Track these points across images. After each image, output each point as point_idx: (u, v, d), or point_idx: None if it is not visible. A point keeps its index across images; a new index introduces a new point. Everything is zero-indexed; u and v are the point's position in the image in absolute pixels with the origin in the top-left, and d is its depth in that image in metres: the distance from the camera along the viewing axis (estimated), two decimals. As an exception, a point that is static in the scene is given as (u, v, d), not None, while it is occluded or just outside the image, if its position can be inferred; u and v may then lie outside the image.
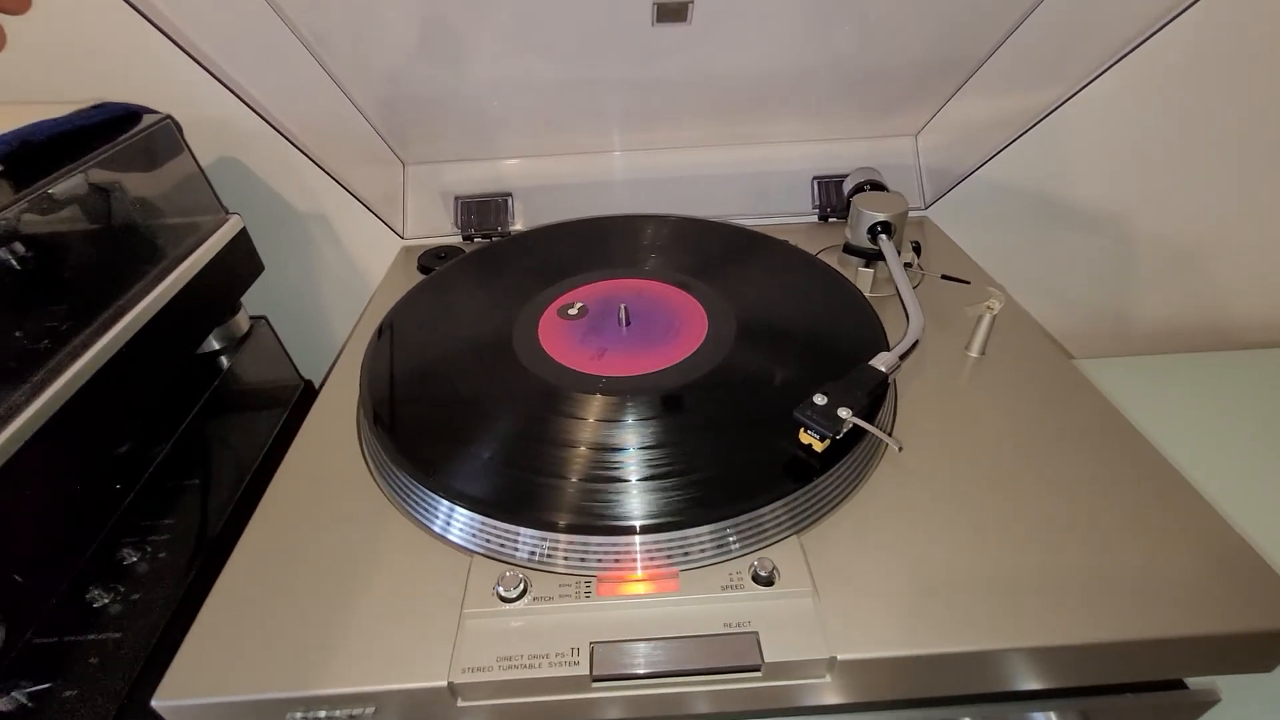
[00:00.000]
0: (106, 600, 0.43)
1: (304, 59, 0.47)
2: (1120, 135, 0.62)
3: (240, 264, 0.57)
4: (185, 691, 0.26)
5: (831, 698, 0.28)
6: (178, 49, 0.42)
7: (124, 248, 0.48)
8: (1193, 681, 0.31)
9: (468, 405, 0.38)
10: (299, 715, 0.27)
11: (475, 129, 0.56)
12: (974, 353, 0.41)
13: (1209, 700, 0.31)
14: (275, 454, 0.57)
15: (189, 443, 0.51)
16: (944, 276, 0.48)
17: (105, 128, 0.47)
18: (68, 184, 0.47)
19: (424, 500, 0.32)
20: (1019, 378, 0.39)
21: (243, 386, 0.58)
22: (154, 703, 0.26)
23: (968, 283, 0.47)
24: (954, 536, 0.30)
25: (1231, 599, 0.27)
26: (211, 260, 0.53)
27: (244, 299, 0.59)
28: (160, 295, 0.47)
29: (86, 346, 0.40)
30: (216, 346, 0.57)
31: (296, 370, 0.65)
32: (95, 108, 0.47)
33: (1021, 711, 0.31)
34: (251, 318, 0.60)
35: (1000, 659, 0.27)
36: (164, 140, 0.51)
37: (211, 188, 0.54)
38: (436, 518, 0.32)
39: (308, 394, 0.65)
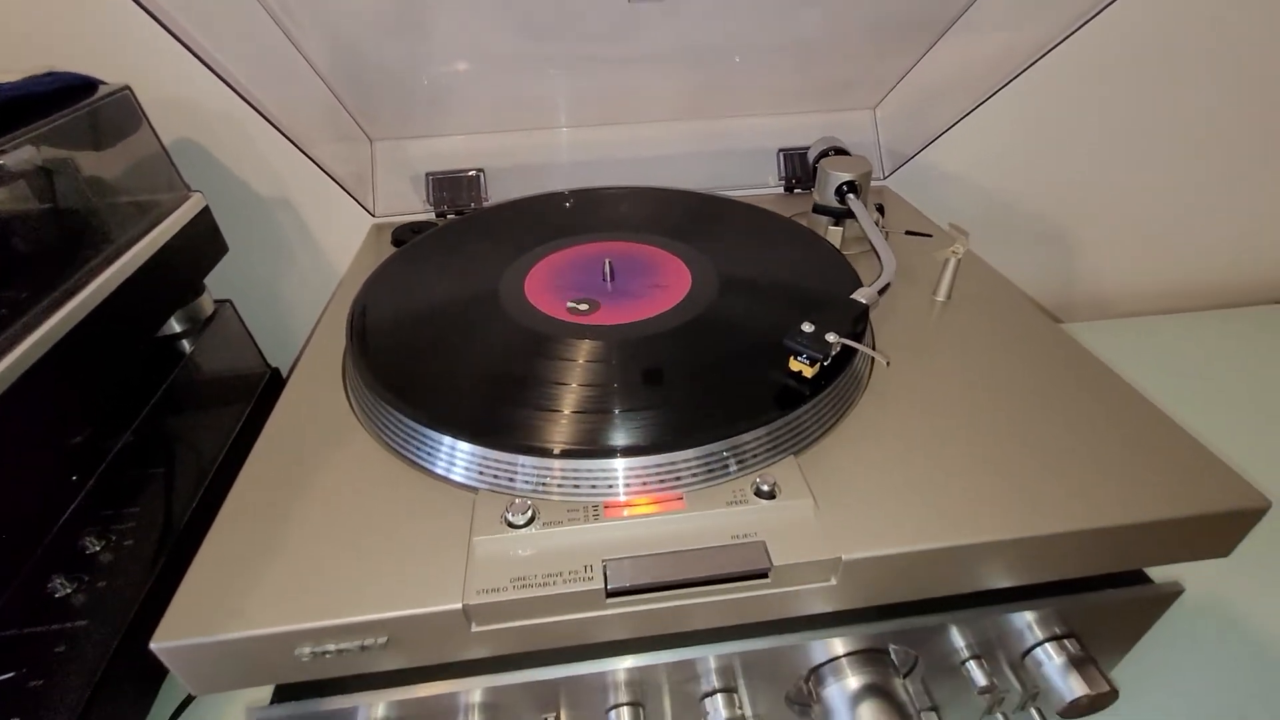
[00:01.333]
0: (70, 590, 0.41)
1: (268, 26, 0.46)
2: (1038, 126, 0.67)
3: (203, 244, 0.55)
4: (185, 631, 0.25)
5: (835, 603, 0.29)
6: (140, 15, 0.40)
7: (78, 222, 0.46)
8: (1157, 577, 0.34)
9: (461, 350, 0.38)
10: (308, 650, 0.26)
11: (443, 105, 0.56)
12: (941, 297, 0.44)
13: (1173, 592, 0.33)
14: (242, 442, 0.55)
15: (151, 430, 0.49)
16: (908, 232, 0.50)
17: (59, 96, 0.46)
18: (19, 153, 0.45)
19: (425, 441, 0.32)
20: (982, 315, 0.42)
21: (206, 372, 0.56)
22: (152, 645, 0.25)
23: (930, 236, 0.50)
24: (935, 450, 0.32)
25: (1183, 487, 0.30)
26: (172, 239, 0.51)
27: (208, 284, 0.57)
28: (116, 274, 0.45)
29: (33, 326, 0.38)
30: (178, 329, 0.55)
31: (263, 356, 0.63)
32: (48, 75, 0.45)
33: (1003, 614, 0.33)
34: (216, 302, 0.58)
35: (981, 552, 0.28)
36: (122, 111, 0.49)
37: (173, 163, 0.52)
38: (439, 458, 0.32)
39: (274, 382, 0.63)
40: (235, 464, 0.33)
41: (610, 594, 0.27)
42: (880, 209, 0.52)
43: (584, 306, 0.40)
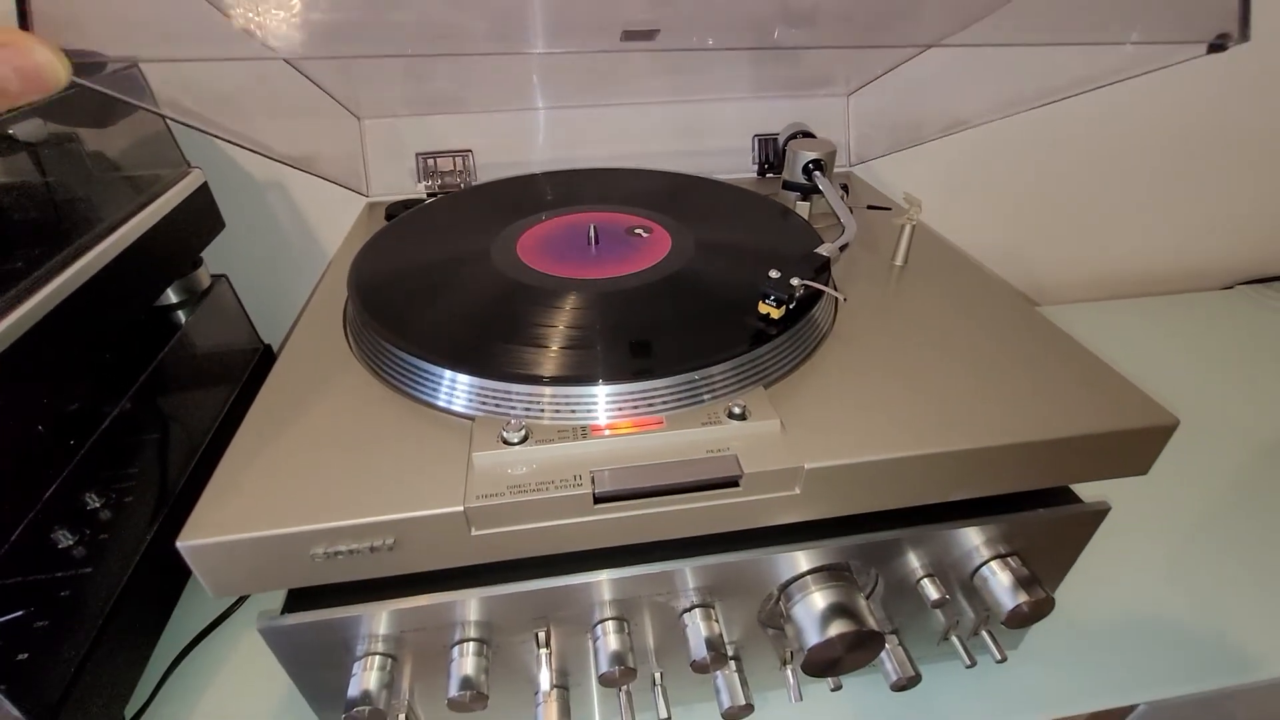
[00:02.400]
0: (73, 541, 0.42)
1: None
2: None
3: (201, 219, 0.57)
4: (209, 531, 0.28)
5: (800, 512, 0.32)
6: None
7: (81, 193, 0.48)
8: (1086, 498, 0.38)
9: (461, 298, 0.41)
10: (321, 550, 0.28)
11: (429, 86, 0.59)
12: (898, 261, 0.48)
13: (1101, 510, 0.37)
14: (237, 408, 0.57)
15: (148, 395, 0.51)
16: (869, 206, 0.54)
17: (67, 70, 0.48)
18: (27, 124, 0.47)
19: (427, 376, 0.35)
20: (934, 275, 0.46)
21: (201, 343, 0.58)
22: (179, 544, 0.27)
23: (889, 209, 0.54)
24: (888, 383, 0.36)
25: (1102, 408, 0.34)
26: (171, 212, 0.53)
27: (205, 258, 0.59)
28: (116, 243, 0.47)
29: (33, 291, 0.39)
30: (175, 300, 0.56)
31: (255, 332, 0.65)
32: (56, 50, 0.47)
33: (950, 530, 0.36)
34: (213, 276, 0.60)
35: (926, 463, 0.32)
36: (127, 86, 0.51)
37: (174, 139, 0.55)
38: (440, 390, 0.34)
39: (267, 357, 0.65)
40: (231, 428, 0.33)
41: (597, 499, 0.30)
42: (845, 187, 0.56)
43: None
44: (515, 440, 0.31)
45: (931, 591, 0.37)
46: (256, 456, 0.31)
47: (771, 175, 0.65)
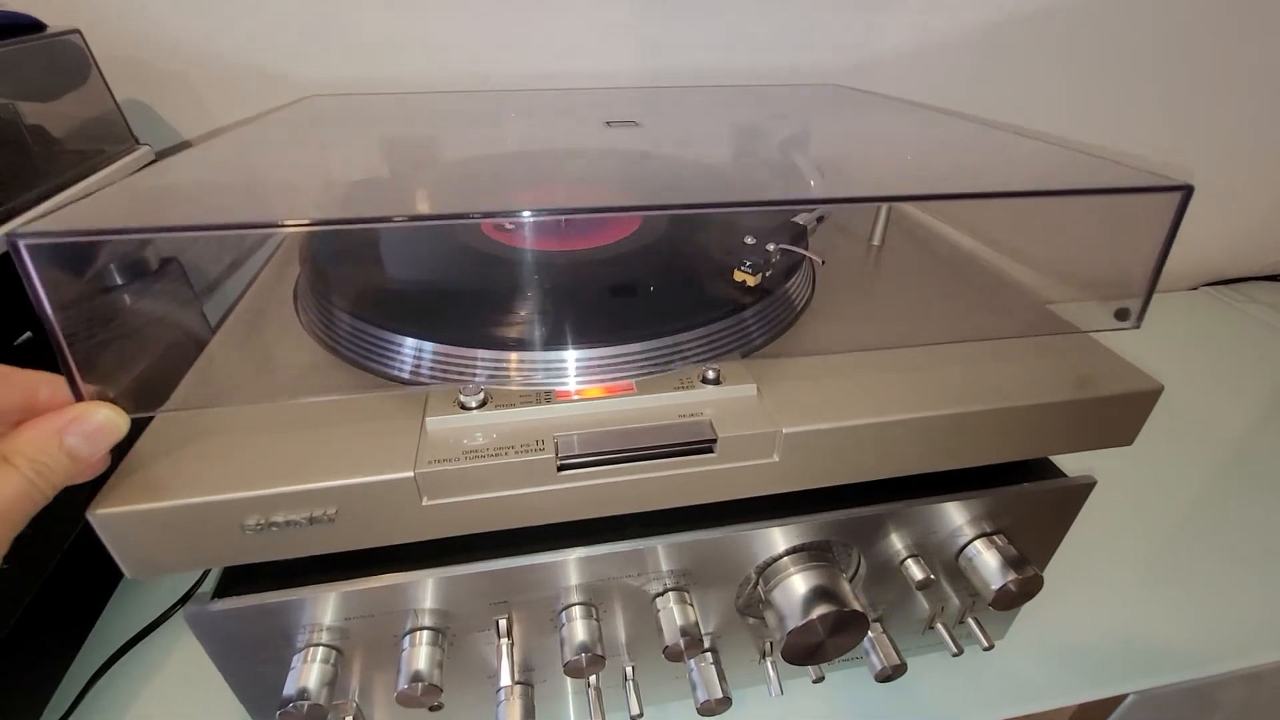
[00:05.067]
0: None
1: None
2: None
3: (149, 200, 0.54)
4: (125, 498, 0.25)
5: (778, 482, 0.30)
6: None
7: (13, 164, 0.45)
8: (1071, 472, 0.37)
9: (421, 270, 0.38)
10: (254, 522, 0.26)
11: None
12: (875, 241, 0.47)
13: (1086, 484, 0.36)
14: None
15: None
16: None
17: (3, 33, 0.45)
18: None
19: (380, 344, 0.32)
20: (909, 252, 0.46)
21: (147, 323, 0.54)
22: (89, 514, 0.24)
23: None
24: (869, 354, 0.34)
25: (1084, 374, 0.33)
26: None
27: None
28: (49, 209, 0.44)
29: None
30: (120, 281, 0.53)
31: (205, 316, 0.61)
32: (-6, 12, 0.45)
33: (933, 504, 0.34)
34: (162, 259, 0.57)
35: (905, 429, 0.30)
36: (70, 54, 0.49)
37: (122, 114, 0.52)
38: (394, 360, 0.32)
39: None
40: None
41: (561, 466, 0.28)
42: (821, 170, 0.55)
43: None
44: (473, 405, 0.29)
45: (916, 572, 0.35)
46: (185, 425, 0.29)
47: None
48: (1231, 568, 0.50)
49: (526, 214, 0.28)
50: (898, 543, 0.36)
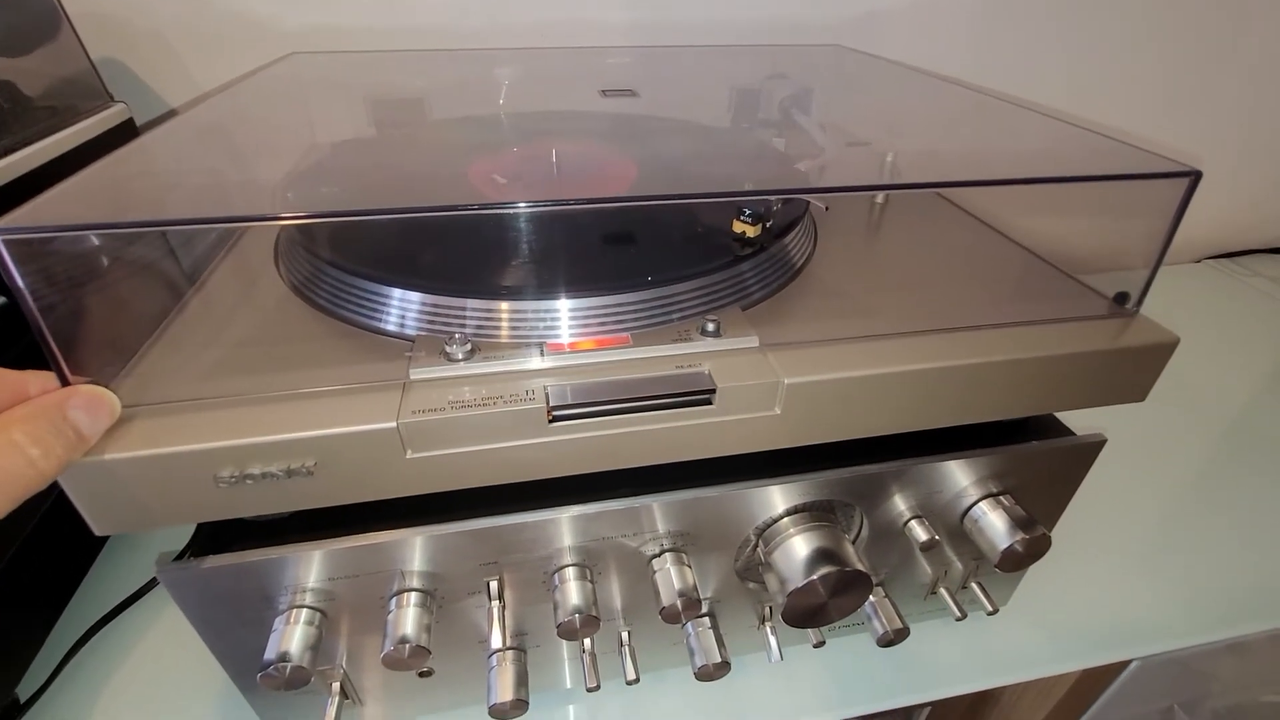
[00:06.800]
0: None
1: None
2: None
3: (125, 159, 0.52)
4: (93, 449, 0.23)
5: (780, 437, 0.29)
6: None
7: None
8: (1080, 430, 0.36)
9: (405, 221, 0.37)
10: (228, 474, 0.24)
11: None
12: (879, 199, 0.45)
13: (1096, 442, 0.35)
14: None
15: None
16: (848, 144, 0.52)
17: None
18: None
19: (363, 295, 0.31)
20: (912, 209, 0.45)
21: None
22: (50, 463, 0.23)
23: (869, 144, 0.52)
24: (870, 304, 0.33)
25: (1097, 327, 0.32)
26: (84, 145, 0.48)
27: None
28: (16, 164, 0.42)
29: None
30: (96, 244, 0.51)
31: (188, 280, 0.59)
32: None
33: (938, 462, 0.33)
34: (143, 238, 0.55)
35: (913, 380, 0.29)
36: (39, 7, 0.46)
37: (96, 70, 0.50)
38: (379, 311, 0.30)
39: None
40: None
41: (553, 417, 0.26)
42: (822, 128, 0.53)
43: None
44: (460, 356, 0.27)
45: (920, 534, 0.34)
46: (157, 378, 0.27)
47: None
48: (1236, 536, 0.49)
49: (521, 205, 0.27)
50: (901, 504, 0.34)
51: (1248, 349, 0.71)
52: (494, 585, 0.31)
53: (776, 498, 0.32)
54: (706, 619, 0.35)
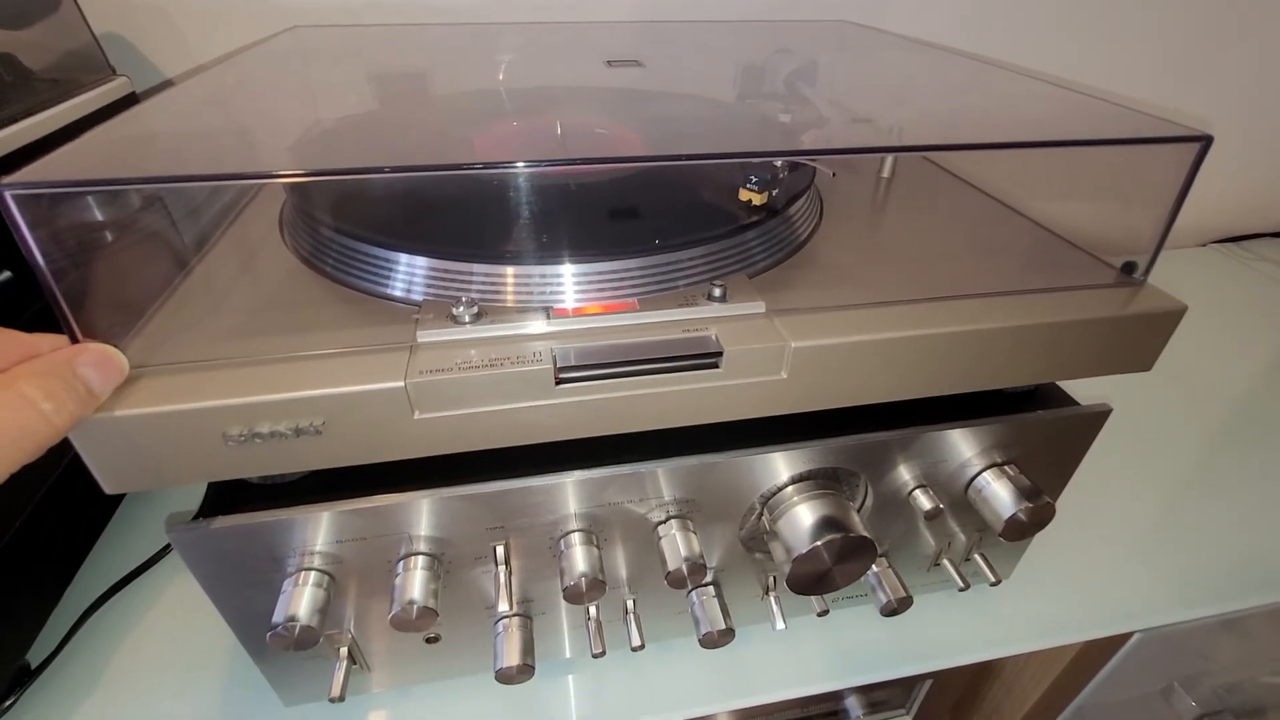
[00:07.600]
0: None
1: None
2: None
3: (129, 134, 0.52)
4: (103, 405, 0.23)
5: (786, 402, 0.29)
6: None
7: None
8: (1085, 400, 0.36)
9: (411, 187, 0.37)
10: (237, 433, 0.24)
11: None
12: (885, 174, 0.45)
13: (1101, 412, 0.35)
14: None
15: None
16: (853, 120, 0.52)
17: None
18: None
19: (370, 261, 0.31)
20: (917, 184, 0.44)
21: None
22: (60, 419, 0.23)
23: (872, 121, 0.51)
24: (876, 273, 0.33)
25: (1104, 296, 0.32)
26: (88, 116, 0.48)
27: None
28: (19, 134, 0.42)
29: None
30: (100, 218, 0.51)
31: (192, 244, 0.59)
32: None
33: (942, 431, 0.33)
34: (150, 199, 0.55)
35: (921, 344, 0.29)
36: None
37: (98, 43, 0.50)
38: (385, 276, 0.30)
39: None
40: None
41: (560, 378, 0.26)
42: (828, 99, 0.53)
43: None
44: (467, 319, 0.27)
45: (924, 502, 0.35)
46: (164, 340, 0.27)
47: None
48: (1238, 514, 0.49)
49: (521, 164, 0.27)
50: (906, 473, 0.35)
51: (1253, 332, 0.71)
52: (500, 550, 0.31)
53: (782, 465, 0.32)
54: (711, 587, 0.36)
